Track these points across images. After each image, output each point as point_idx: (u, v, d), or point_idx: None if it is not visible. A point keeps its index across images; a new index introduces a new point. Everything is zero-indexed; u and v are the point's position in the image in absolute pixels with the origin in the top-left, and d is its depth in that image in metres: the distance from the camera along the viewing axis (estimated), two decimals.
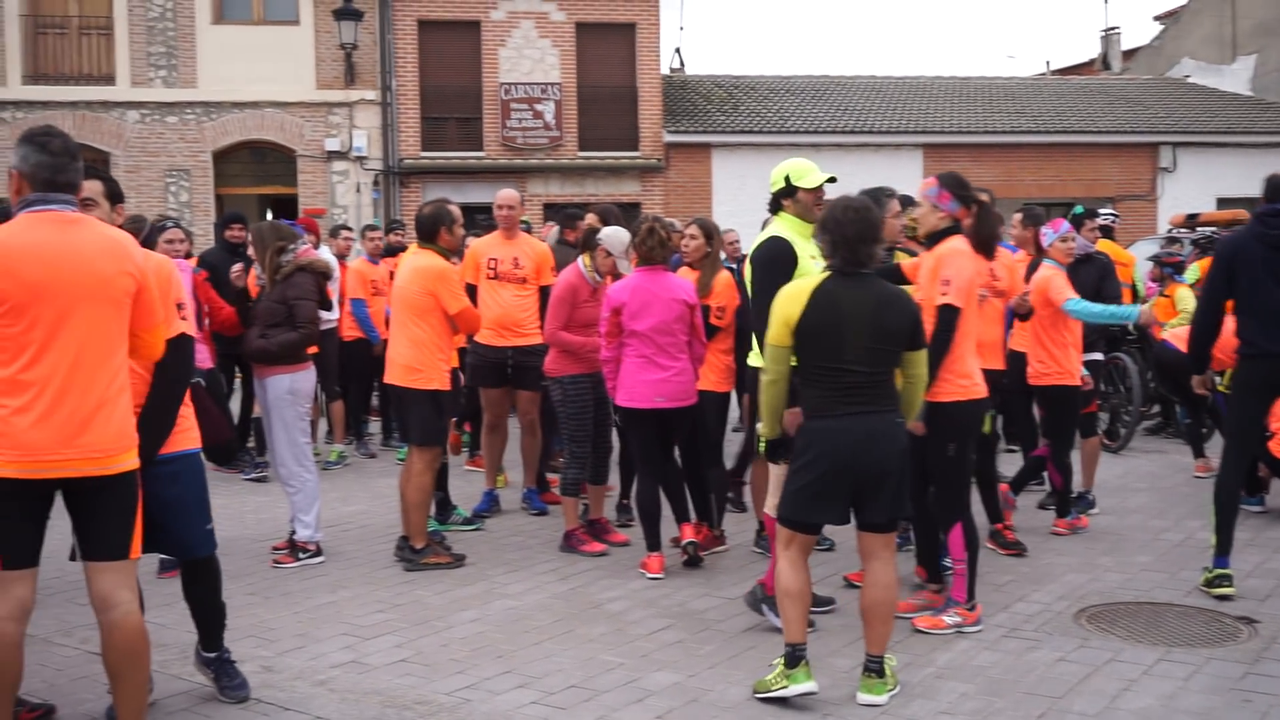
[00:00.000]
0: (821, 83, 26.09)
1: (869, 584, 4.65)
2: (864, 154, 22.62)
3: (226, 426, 5.42)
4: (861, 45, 71.04)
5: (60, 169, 3.81)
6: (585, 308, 6.88)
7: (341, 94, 21.50)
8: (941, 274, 5.39)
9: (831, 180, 5.50)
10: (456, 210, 6.87)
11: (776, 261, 5.29)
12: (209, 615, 4.75)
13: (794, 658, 4.56)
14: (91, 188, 4.39)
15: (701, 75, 26.54)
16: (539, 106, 22.04)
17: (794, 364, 4.66)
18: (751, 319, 5.43)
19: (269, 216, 20.58)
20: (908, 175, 19.19)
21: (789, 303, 4.62)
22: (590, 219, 7.64)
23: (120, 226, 5.78)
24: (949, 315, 5.35)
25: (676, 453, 6.73)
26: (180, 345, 4.23)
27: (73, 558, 4.03)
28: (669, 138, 22.60)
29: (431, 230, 6.73)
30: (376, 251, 11.14)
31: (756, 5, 68.79)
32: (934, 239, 5.59)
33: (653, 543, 6.53)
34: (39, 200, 3.75)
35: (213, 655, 4.76)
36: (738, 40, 68.22)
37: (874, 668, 4.61)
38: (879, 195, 6.03)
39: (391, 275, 10.32)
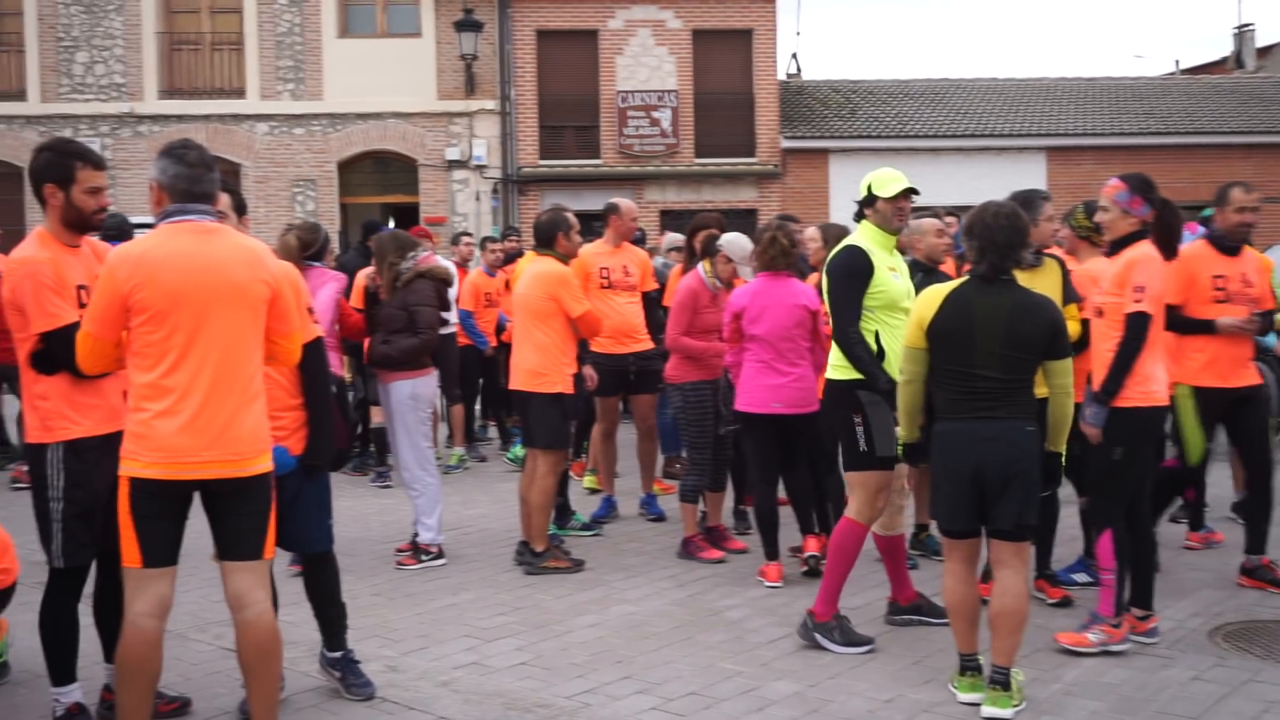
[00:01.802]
0: (941, 86, 25.70)
1: (997, 592, 4.58)
2: (986, 158, 22.23)
3: (345, 434, 5.56)
4: (982, 47, 69.90)
5: (197, 180, 3.94)
6: (706, 314, 6.88)
7: (462, 104, 21.86)
8: (1134, 280, 5.11)
9: (914, 191, 5.39)
10: (573, 217, 6.97)
11: (852, 271, 5.25)
12: (330, 613, 4.87)
13: (963, 667, 4.63)
14: (220, 200, 4.55)
15: (818, 80, 26.36)
16: (656, 114, 22.12)
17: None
18: (834, 328, 5.32)
19: (390, 225, 21.03)
20: (1030, 179, 18.83)
21: (924, 306, 4.66)
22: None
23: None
24: (1141, 323, 5.08)
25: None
26: (317, 348, 4.39)
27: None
28: (786, 143, 22.50)
29: (549, 236, 6.84)
30: (495, 264, 11.30)
31: (875, 9, 68.16)
32: (1119, 244, 5.31)
33: (771, 551, 6.49)
34: (178, 211, 3.89)
35: (337, 655, 4.86)
36: (855, 45, 67.66)
37: (999, 680, 4.52)
38: (1033, 198, 5.89)
39: (508, 283, 10.51)
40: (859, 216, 5.47)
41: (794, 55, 42.12)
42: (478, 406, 11.62)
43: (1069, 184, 20.97)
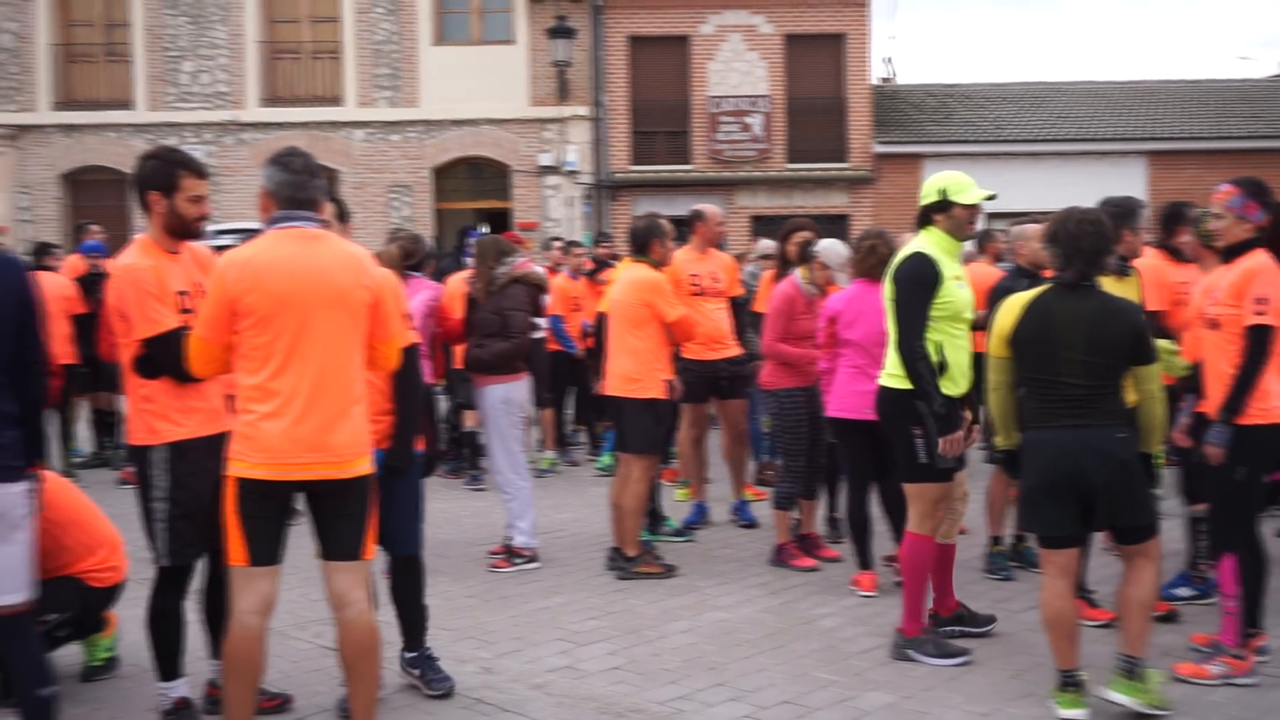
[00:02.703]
0: (1039, 89, 25.25)
1: (1126, 580, 4.57)
2: (1085, 163, 21.81)
3: (434, 440, 5.67)
4: (1081, 50, 68.55)
5: (301, 186, 4.02)
6: (802, 320, 6.85)
7: (554, 110, 22.02)
8: (1254, 291, 4.86)
9: (991, 198, 5.26)
10: (668, 224, 7.02)
11: (920, 281, 5.11)
12: (412, 615, 4.95)
13: (1063, 682, 4.54)
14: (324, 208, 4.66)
15: (913, 84, 26.08)
16: (747, 119, 22.07)
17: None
18: (898, 339, 5.17)
19: (481, 230, 21.23)
20: (1131, 185, 18.42)
21: (1005, 314, 4.62)
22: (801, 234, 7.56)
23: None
24: (1265, 337, 4.84)
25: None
26: (411, 354, 4.49)
27: None
28: (879, 148, 22.30)
29: (644, 243, 6.89)
30: (580, 268, 11.37)
31: (971, 13, 67.23)
32: (1233, 251, 5.07)
33: (864, 559, 6.44)
34: (284, 217, 3.98)
35: (414, 654, 4.94)
36: (951, 48, 66.77)
37: (1125, 666, 4.49)
38: (1133, 207, 5.76)
39: (596, 289, 10.57)
40: (925, 221, 5.30)
41: (887, 59, 41.70)
42: (569, 411, 11.69)
43: (1171, 189, 20.44)
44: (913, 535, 5.30)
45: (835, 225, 19.32)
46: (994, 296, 6.17)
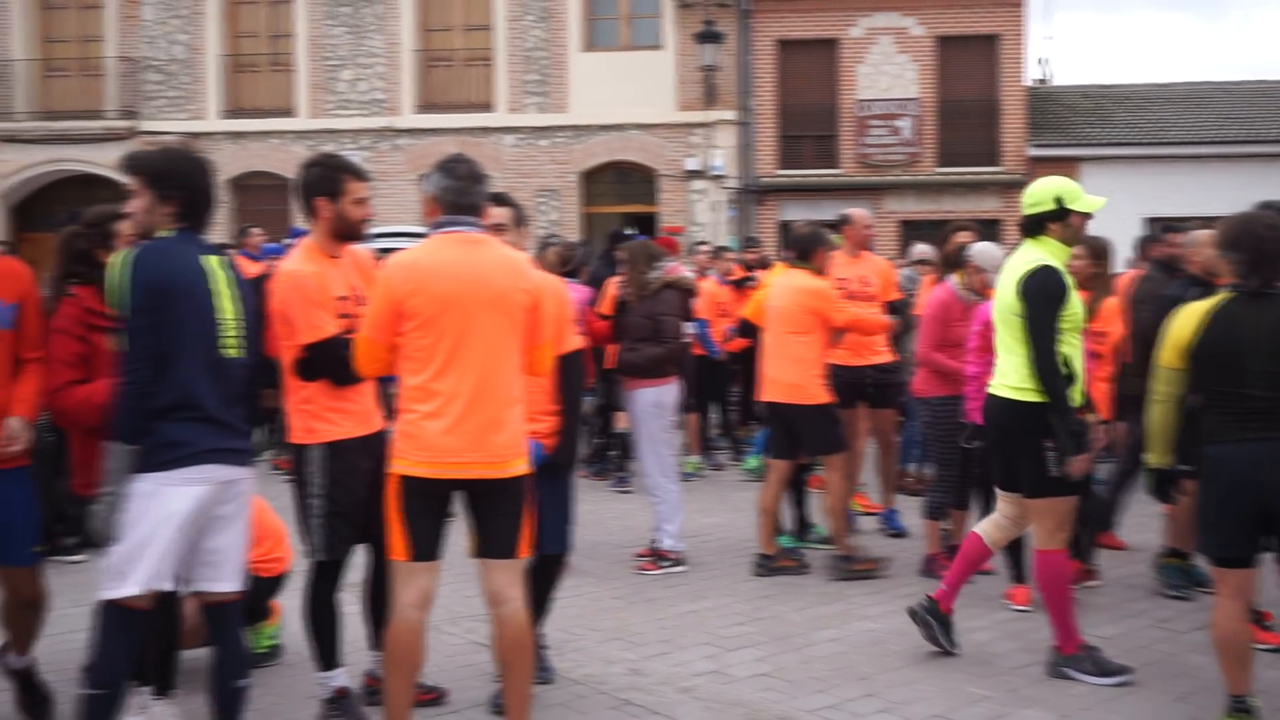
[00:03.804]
0: (1203, 89, 24.28)
1: None
2: (1253, 166, 20.89)
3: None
4: (1249, 48, 65.74)
5: (463, 192, 4.11)
6: (957, 326, 6.72)
7: (701, 115, 22.05)
8: None
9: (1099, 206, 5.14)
10: (831, 234, 7.09)
11: (1053, 293, 4.99)
12: (538, 607, 5.00)
13: (1233, 707, 4.36)
14: (501, 213, 4.78)
15: (1068, 86, 25.37)
16: (897, 122, 21.77)
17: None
18: (1034, 355, 4.99)
19: (630, 232, 21.40)
20: None
21: (1182, 324, 4.44)
22: (961, 236, 7.43)
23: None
24: None
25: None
26: (576, 359, 4.66)
27: None
28: (1033, 151, 21.75)
29: (807, 250, 6.91)
30: (728, 273, 11.35)
31: (1129, 14, 65.09)
32: None
33: (1017, 573, 6.29)
34: (448, 222, 4.07)
35: None
36: (1109, 48, 64.71)
37: None
38: None
39: (743, 295, 10.55)
40: (1036, 230, 5.15)
41: (1042, 60, 40.66)
42: (713, 416, 11.68)
43: None
44: (1044, 553, 5.16)
45: (987, 230, 18.87)
46: (1161, 305, 5.96)
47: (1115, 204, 13.89)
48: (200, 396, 3.79)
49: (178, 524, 3.74)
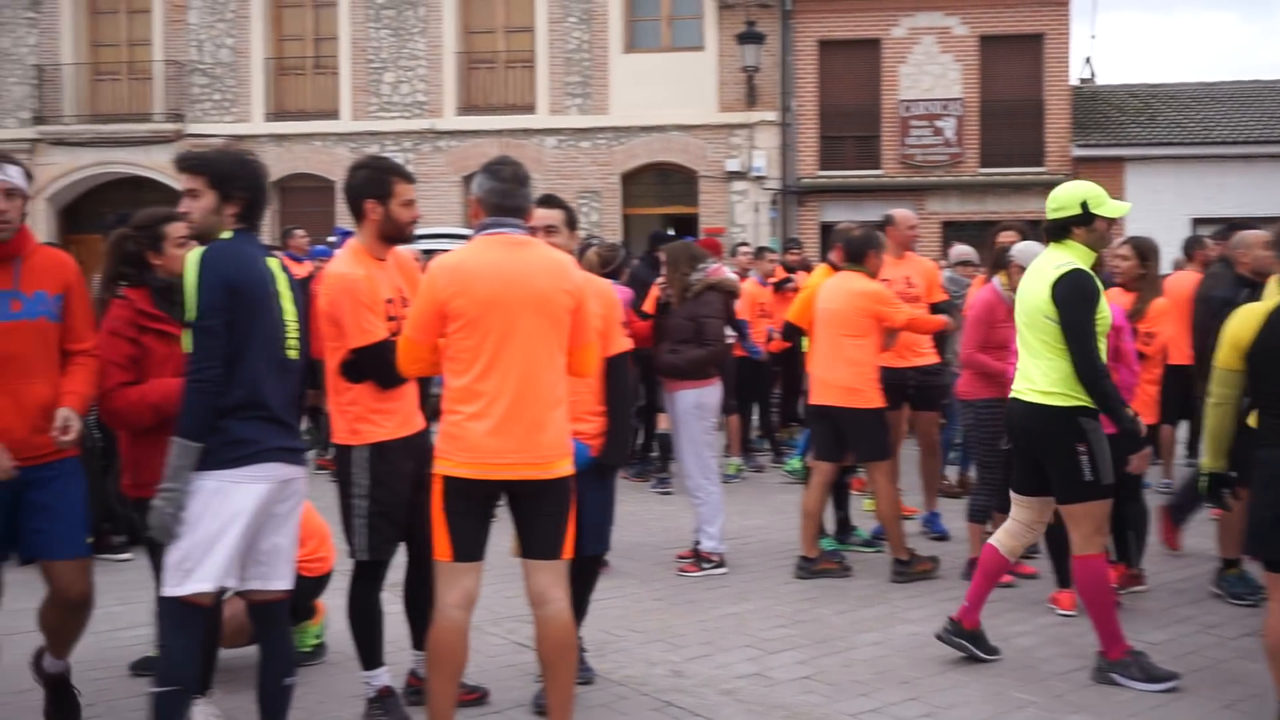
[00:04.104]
0: (1253, 88, 23.95)
1: None
2: None
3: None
4: None
5: (507, 194, 4.12)
6: (1001, 328, 6.66)
7: (742, 115, 22.02)
8: None
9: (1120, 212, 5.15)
10: (883, 236, 7.10)
11: (1088, 297, 4.98)
12: (577, 608, 4.99)
13: None
14: (553, 215, 4.81)
15: (1114, 85, 25.11)
16: (939, 123, 21.64)
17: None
18: (1077, 358, 4.96)
19: (668, 235, 21.39)
20: None
21: (1240, 325, 4.38)
22: (1006, 236, 7.37)
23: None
24: None
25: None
26: (623, 361, 4.72)
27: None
28: (1078, 151, 21.55)
29: (860, 253, 6.91)
30: (769, 274, 11.33)
31: (1175, 14, 64.27)
32: None
33: (1064, 577, 6.22)
34: (492, 224, 4.08)
35: None
36: (1156, 47, 63.91)
37: None
38: None
39: (785, 298, 10.52)
40: (1061, 234, 5.14)
41: (1087, 59, 40.29)
42: (754, 417, 11.66)
43: None
44: (1083, 558, 5.13)
45: (1031, 231, 18.74)
46: (1215, 308, 5.90)
47: (1162, 204, 13.87)
48: (266, 396, 3.82)
49: (244, 522, 3.76)
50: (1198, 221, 20.32)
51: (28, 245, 4.13)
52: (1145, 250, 6.61)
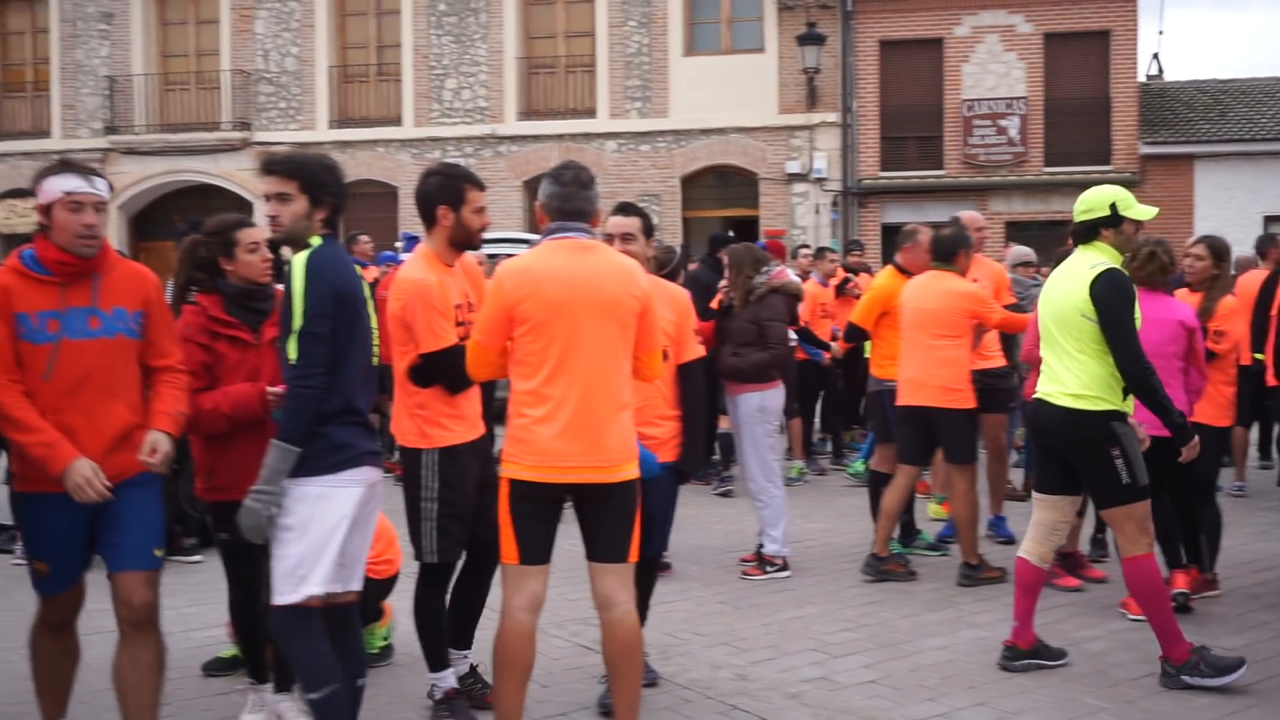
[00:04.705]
0: None
1: None
2: None
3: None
4: None
5: (568, 198, 4.13)
6: None
7: (803, 117, 21.94)
8: None
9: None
10: (974, 236, 7.09)
11: (1128, 296, 4.98)
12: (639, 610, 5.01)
13: None
14: (630, 223, 4.83)
15: (1183, 81, 24.68)
16: (1003, 122, 21.41)
17: None
18: (1121, 354, 4.94)
19: (729, 237, 21.34)
20: None
21: None
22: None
23: (655, 255, 6.35)
24: None
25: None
26: (697, 367, 4.84)
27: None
28: (1145, 149, 21.22)
29: (951, 252, 6.89)
30: (830, 275, 11.27)
31: (1251, 5, 62.99)
32: None
33: (1173, 559, 6.16)
34: (557, 228, 4.11)
35: None
36: (1226, 42, 62.69)
37: None
38: None
39: (847, 301, 10.46)
40: (1088, 236, 5.14)
41: (1155, 56, 39.60)
42: (816, 420, 11.61)
43: None
44: (1132, 560, 5.08)
45: None
46: None
47: (1233, 201, 13.66)
48: (358, 401, 3.88)
49: (347, 525, 3.82)
50: (1270, 219, 19.94)
51: (107, 260, 4.00)
52: (1220, 250, 6.51)
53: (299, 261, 3.77)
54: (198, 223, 4.96)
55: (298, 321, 3.72)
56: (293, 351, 3.73)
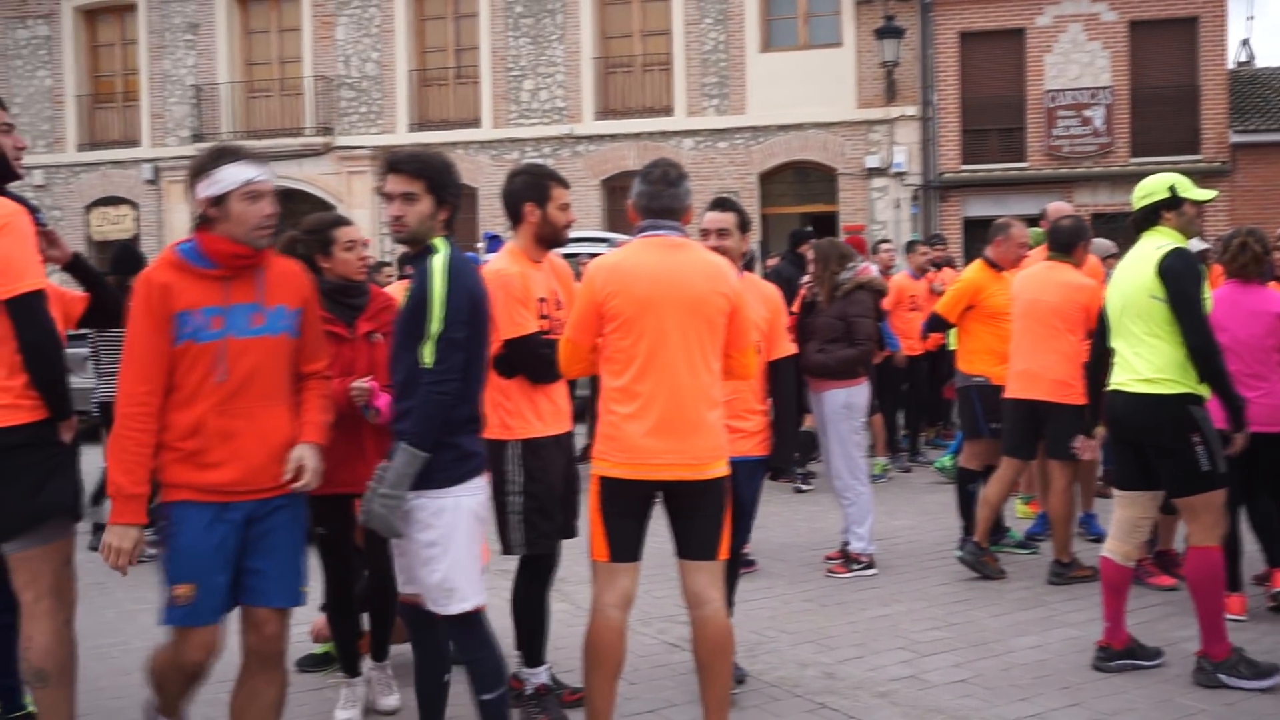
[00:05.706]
0: None
1: None
2: None
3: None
4: None
5: (655, 196, 4.16)
6: None
7: (882, 111, 21.73)
8: None
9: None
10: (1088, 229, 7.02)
11: (1198, 274, 4.95)
12: None
13: None
14: (726, 219, 4.87)
15: (1275, 68, 24.04)
16: (1087, 113, 21.01)
17: None
18: (1190, 333, 4.87)
19: (808, 232, 21.20)
20: None
21: None
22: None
23: (746, 250, 6.30)
24: None
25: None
26: (788, 364, 4.89)
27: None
28: (1235, 138, 20.69)
29: (1070, 244, 6.81)
30: (920, 267, 11.16)
31: None
32: None
33: (1233, 580, 5.99)
34: (648, 226, 4.13)
35: None
36: None
37: None
38: None
39: (931, 295, 10.34)
40: (1150, 220, 5.12)
41: (1245, 42, 38.52)
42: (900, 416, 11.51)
43: None
44: (1201, 550, 4.99)
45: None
46: None
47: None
48: (480, 408, 3.89)
49: (481, 531, 3.83)
50: None
51: (267, 254, 3.75)
52: None
53: (439, 265, 3.67)
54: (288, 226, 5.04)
55: (436, 326, 3.62)
56: (429, 356, 3.62)
